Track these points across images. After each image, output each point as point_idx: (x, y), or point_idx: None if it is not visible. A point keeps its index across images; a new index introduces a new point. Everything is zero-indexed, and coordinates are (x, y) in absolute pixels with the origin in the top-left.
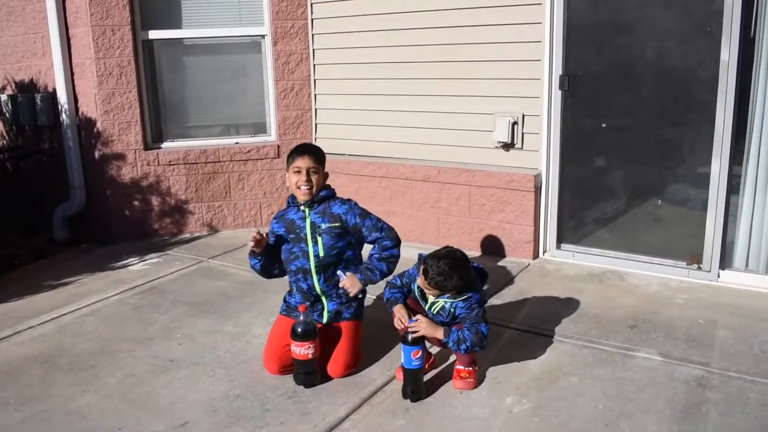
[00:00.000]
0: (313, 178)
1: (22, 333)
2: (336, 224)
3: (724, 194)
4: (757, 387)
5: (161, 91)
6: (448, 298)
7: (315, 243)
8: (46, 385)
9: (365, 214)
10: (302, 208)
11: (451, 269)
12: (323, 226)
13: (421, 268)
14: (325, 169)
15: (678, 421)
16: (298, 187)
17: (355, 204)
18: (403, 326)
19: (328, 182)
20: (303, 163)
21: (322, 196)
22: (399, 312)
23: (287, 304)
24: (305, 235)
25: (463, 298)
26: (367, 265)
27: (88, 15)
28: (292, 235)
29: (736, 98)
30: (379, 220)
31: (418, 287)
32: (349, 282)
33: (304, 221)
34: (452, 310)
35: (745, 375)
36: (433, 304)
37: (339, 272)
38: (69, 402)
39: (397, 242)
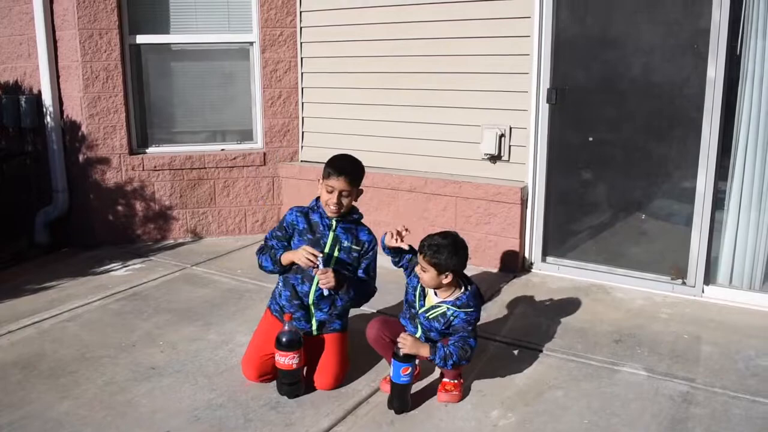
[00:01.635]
0: (344, 201)
1: (1, 338)
2: (357, 248)
3: (709, 210)
4: (741, 403)
5: (147, 96)
6: (451, 305)
7: (331, 254)
8: (25, 392)
9: (376, 257)
10: (331, 218)
11: (444, 239)
12: (345, 243)
13: (419, 246)
14: (360, 186)
15: None
16: (327, 204)
17: (377, 243)
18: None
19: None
20: (337, 184)
21: (354, 218)
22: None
23: (278, 303)
24: (325, 242)
25: (465, 310)
26: (354, 278)
27: (75, 18)
28: (310, 236)
29: (722, 115)
30: (376, 271)
31: (418, 287)
32: (325, 274)
33: (328, 230)
34: (451, 318)
35: (730, 391)
36: (432, 308)
37: (319, 260)
38: (48, 409)
39: (373, 294)
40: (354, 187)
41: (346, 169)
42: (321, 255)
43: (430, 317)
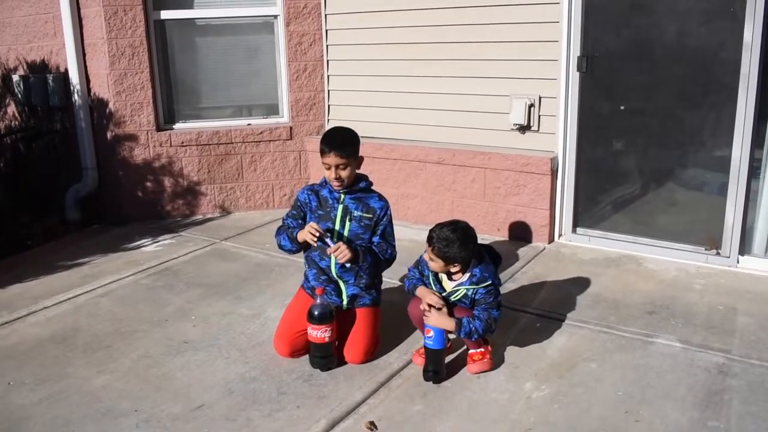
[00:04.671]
0: (343, 173)
1: (38, 313)
2: (368, 215)
3: (744, 178)
4: None
5: (173, 72)
6: (468, 284)
7: (342, 226)
8: (62, 366)
9: (391, 221)
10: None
11: (454, 234)
12: (356, 213)
13: (427, 235)
14: (360, 154)
15: (699, 409)
16: (330, 180)
17: (390, 206)
18: (425, 305)
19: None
20: (330, 160)
21: (361, 187)
22: (421, 292)
23: (309, 283)
24: (335, 215)
25: (483, 284)
26: (368, 246)
27: None
28: (321, 212)
29: (759, 80)
30: (394, 236)
31: (433, 273)
32: (338, 249)
33: (338, 203)
34: (472, 296)
35: (766, 362)
36: (453, 292)
37: (327, 240)
38: (85, 383)
39: (392, 259)
40: (348, 158)
41: (336, 143)
42: (321, 231)
43: (453, 300)
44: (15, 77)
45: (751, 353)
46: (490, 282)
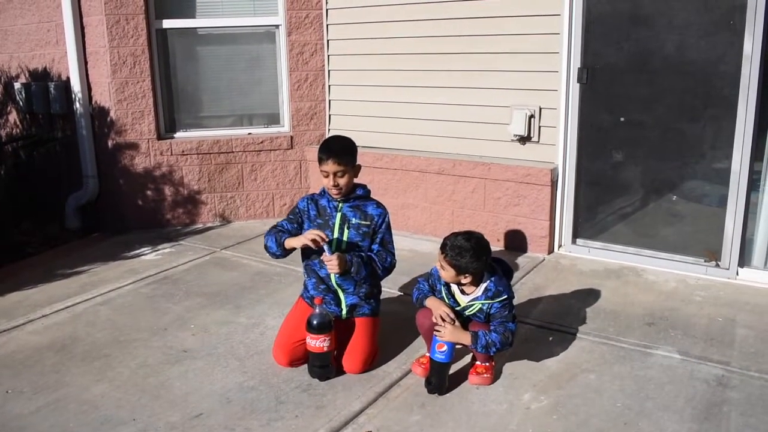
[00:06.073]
0: (341, 181)
1: (36, 321)
2: (366, 222)
3: (744, 191)
4: None
5: (174, 81)
6: (483, 299)
7: (341, 234)
8: (60, 374)
9: (390, 229)
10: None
11: (467, 243)
12: (354, 220)
13: (441, 243)
14: (355, 163)
15: (698, 421)
16: (328, 189)
17: (388, 213)
18: (438, 319)
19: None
20: (328, 167)
21: (359, 195)
22: (432, 303)
23: (308, 292)
24: (333, 223)
25: (498, 298)
26: (363, 257)
27: (102, 3)
28: (319, 220)
29: (759, 93)
30: (393, 243)
31: (446, 287)
32: (332, 259)
33: (336, 211)
34: (487, 310)
35: (766, 375)
36: (468, 306)
37: (326, 247)
38: (83, 391)
39: (391, 268)
40: (346, 166)
41: (332, 150)
42: (326, 241)
43: (468, 314)
44: (17, 85)
45: (750, 365)
46: (505, 296)
